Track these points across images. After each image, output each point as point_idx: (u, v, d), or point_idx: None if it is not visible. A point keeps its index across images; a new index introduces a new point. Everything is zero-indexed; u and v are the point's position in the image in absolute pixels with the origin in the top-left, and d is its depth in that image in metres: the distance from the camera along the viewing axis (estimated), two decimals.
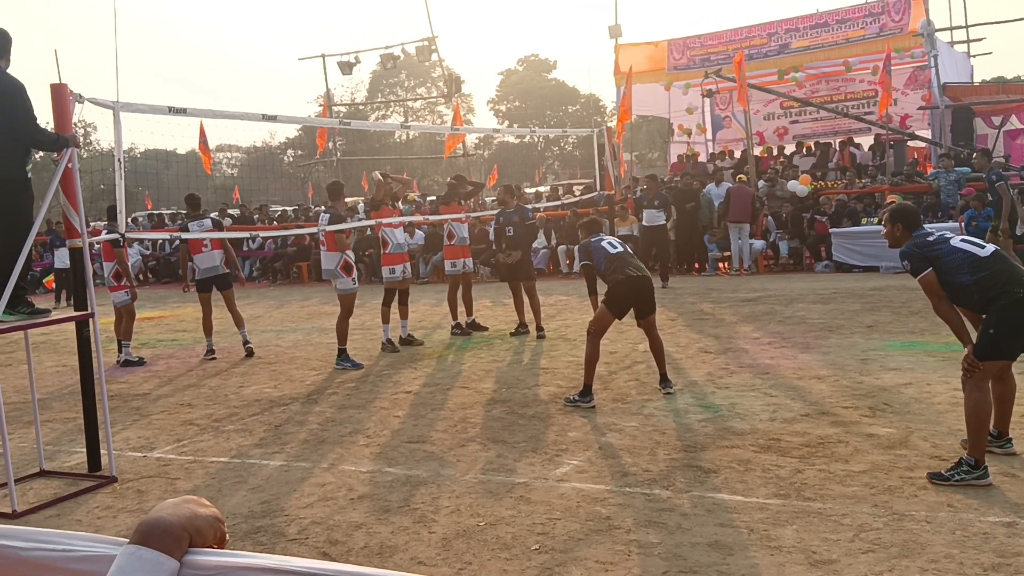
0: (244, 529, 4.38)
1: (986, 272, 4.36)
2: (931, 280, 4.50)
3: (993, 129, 18.25)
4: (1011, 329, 4.35)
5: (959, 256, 4.43)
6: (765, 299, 11.73)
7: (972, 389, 4.41)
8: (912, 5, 18.21)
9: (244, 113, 7.42)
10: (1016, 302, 4.29)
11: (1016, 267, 4.43)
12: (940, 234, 4.63)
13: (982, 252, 4.44)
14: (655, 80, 21.88)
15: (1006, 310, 4.32)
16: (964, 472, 4.34)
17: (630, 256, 6.75)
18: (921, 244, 4.55)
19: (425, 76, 55.99)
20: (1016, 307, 4.30)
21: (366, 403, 7.08)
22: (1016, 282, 4.31)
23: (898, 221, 4.79)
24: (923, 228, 4.70)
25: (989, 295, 4.35)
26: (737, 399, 6.41)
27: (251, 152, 54.00)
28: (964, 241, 4.53)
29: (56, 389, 8.59)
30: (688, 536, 3.94)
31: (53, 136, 5.36)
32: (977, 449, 4.37)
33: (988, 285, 4.35)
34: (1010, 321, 4.33)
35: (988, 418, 4.45)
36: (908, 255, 4.60)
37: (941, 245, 4.51)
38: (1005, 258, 4.49)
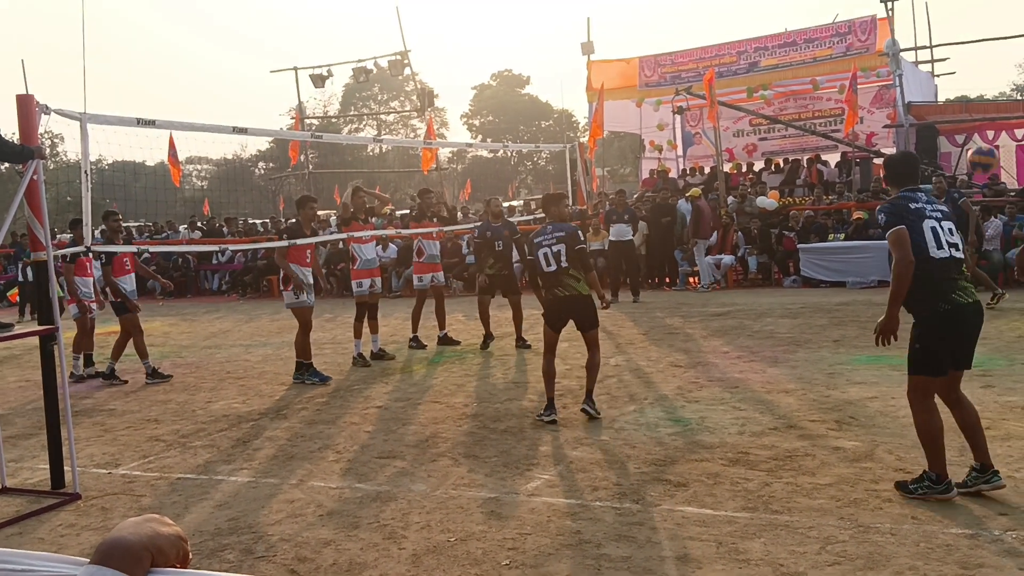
0: (211, 547, 4.33)
1: (927, 271, 4.24)
2: (903, 236, 4.25)
3: (956, 147, 18.62)
4: (935, 343, 4.29)
5: (918, 241, 4.26)
6: (734, 313, 11.83)
7: (916, 411, 4.38)
8: (878, 25, 18.57)
9: (214, 125, 7.39)
10: (938, 316, 4.23)
11: (954, 281, 4.28)
12: (921, 208, 4.35)
13: (937, 252, 4.26)
14: (627, 96, 22.07)
15: (928, 323, 4.27)
16: (926, 487, 4.31)
17: (563, 273, 6.61)
18: (901, 207, 4.35)
19: (398, 90, 55.99)
20: (938, 321, 4.24)
21: (336, 418, 7.03)
22: (943, 297, 4.23)
23: (886, 171, 4.67)
24: (912, 189, 4.47)
25: (916, 296, 4.27)
26: (706, 413, 6.45)
27: (221, 164, 53.62)
28: (934, 232, 4.29)
29: (19, 404, 8.44)
30: (657, 550, 3.96)
31: (18, 147, 5.29)
32: (936, 464, 4.33)
33: (921, 284, 4.24)
34: (932, 335, 4.28)
35: (939, 433, 4.35)
36: (886, 210, 4.41)
37: (915, 220, 4.30)
38: (952, 268, 4.29)
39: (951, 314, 4.24)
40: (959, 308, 4.25)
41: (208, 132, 7.39)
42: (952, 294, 4.24)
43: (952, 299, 4.23)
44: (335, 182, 35.68)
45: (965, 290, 4.28)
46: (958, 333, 4.31)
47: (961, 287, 4.27)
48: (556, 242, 6.66)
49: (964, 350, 4.36)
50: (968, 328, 4.32)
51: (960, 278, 4.30)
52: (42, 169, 5.37)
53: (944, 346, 4.28)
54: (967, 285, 4.31)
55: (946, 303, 4.23)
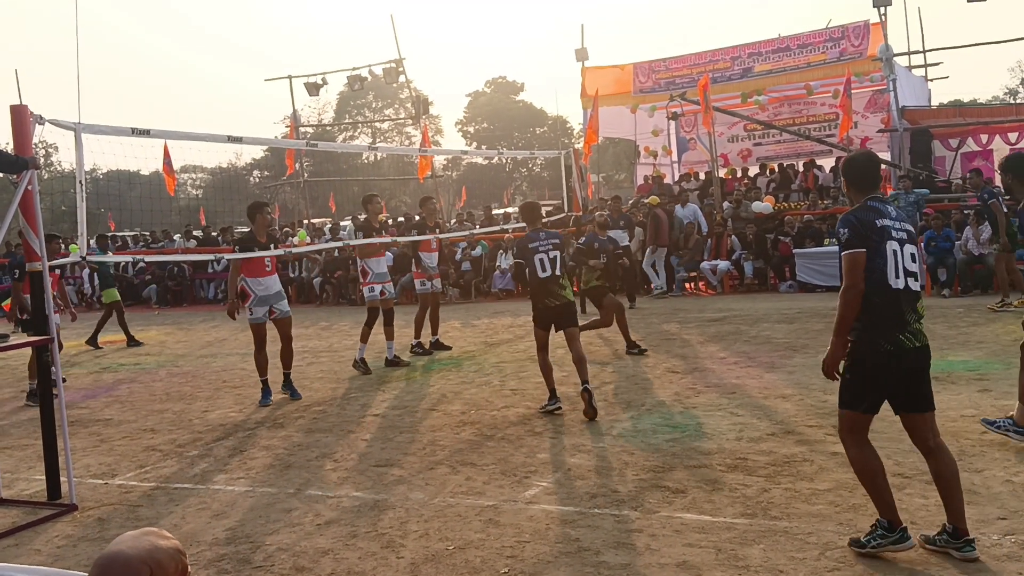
0: (208, 557, 4.31)
1: (879, 303, 3.74)
2: (860, 261, 3.76)
3: (950, 151, 18.67)
4: (864, 380, 3.81)
5: (879, 265, 3.76)
6: (731, 319, 11.84)
7: (847, 446, 3.95)
8: (871, 30, 18.63)
9: (209, 134, 7.37)
10: (877, 354, 3.74)
11: (905, 320, 3.75)
12: (887, 227, 3.81)
13: (895, 282, 3.76)
14: (621, 103, 22.11)
15: (864, 357, 3.79)
16: (879, 536, 3.80)
17: (554, 281, 6.99)
18: (868, 224, 3.80)
19: (393, 97, 56.12)
20: (875, 359, 3.75)
21: (333, 427, 7.01)
22: (888, 335, 3.72)
23: (844, 176, 4.15)
24: (878, 199, 3.92)
25: (859, 324, 3.79)
26: (704, 419, 6.45)
27: (216, 173, 53.62)
28: (895, 256, 3.78)
29: (14, 415, 8.41)
30: (656, 557, 3.95)
31: (12, 158, 5.28)
32: (884, 509, 3.83)
33: (869, 314, 3.76)
34: (864, 370, 3.80)
35: (878, 474, 3.87)
36: (850, 224, 3.82)
37: (879, 241, 3.78)
38: (907, 302, 3.77)
39: (892, 356, 3.74)
40: (903, 352, 3.73)
41: (203, 141, 7.35)
42: (900, 335, 3.73)
43: (898, 340, 3.73)
44: (330, 190, 35.73)
45: (916, 333, 3.77)
46: (896, 377, 3.78)
47: (912, 328, 3.76)
48: (552, 248, 7.05)
49: (914, 393, 3.84)
50: (912, 371, 3.79)
51: (913, 317, 3.77)
52: (37, 179, 5.36)
53: (876, 384, 3.79)
54: (919, 326, 3.79)
55: (890, 343, 3.73)
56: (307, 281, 19.22)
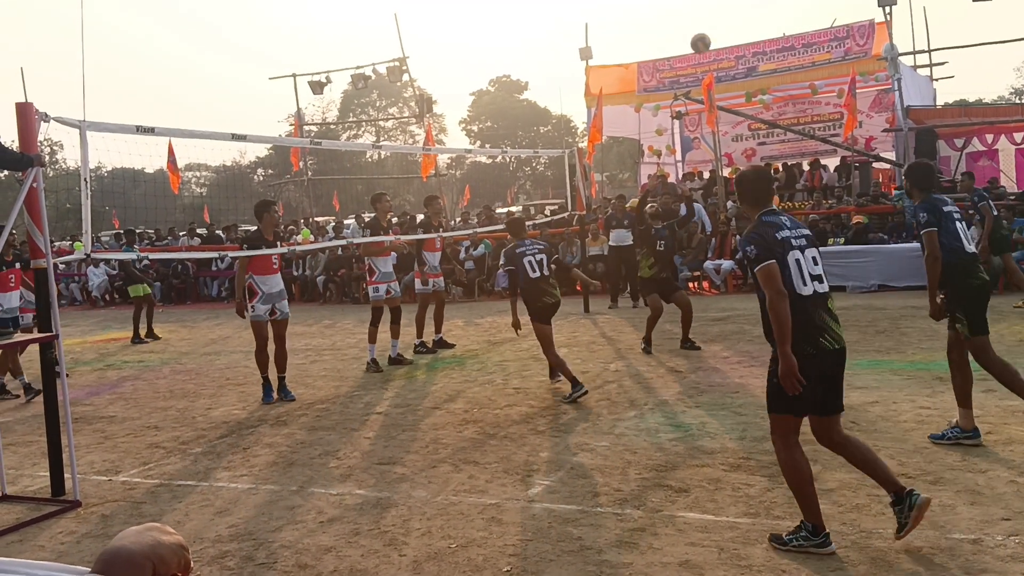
0: (211, 554, 4.32)
1: (795, 310, 3.86)
2: (774, 272, 3.86)
3: (956, 151, 18.63)
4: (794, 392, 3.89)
5: (786, 275, 3.88)
6: (734, 319, 11.83)
7: (778, 449, 4.05)
8: (876, 30, 18.58)
9: (213, 132, 7.37)
10: (800, 357, 3.84)
11: (824, 323, 3.91)
12: (787, 238, 3.94)
13: (803, 288, 3.89)
14: (625, 102, 22.08)
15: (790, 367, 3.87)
16: (803, 538, 3.89)
17: (545, 281, 7.67)
18: (770, 237, 3.92)
19: (397, 96, 56.12)
20: (802, 363, 3.84)
21: (336, 424, 7.02)
22: (810, 340, 3.86)
23: (737, 192, 4.28)
24: (773, 212, 4.07)
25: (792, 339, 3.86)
26: (707, 418, 6.45)
27: (221, 171, 53.65)
28: (798, 264, 3.91)
29: (19, 411, 8.43)
30: (659, 556, 3.95)
31: (18, 155, 5.29)
32: (810, 513, 3.91)
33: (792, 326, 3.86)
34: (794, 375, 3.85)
35: (807, 478, 3.97)
36: (754, 240, 3.94)
37: (782, 253, 3.91)
38: (820, 305, 3.92)
39: (815, 359, 3.87)
40: (824, 354, 3.89)
41: (207, 139, 7.36)
42: (820, 338, 3.88)
43: (819, 344, 3.88)
44: (334, 188, 35.72)
45: (835, 335, 3.92)
46: (820, 379, 3.91)
47: (831, 330, 3.91)
48: (539, 252, 7.76)
49: (831, 395, 3.99)
50: (830, 374, 3.96)
51: (829, 318, 3.93)
52: (42, 176, 5.37)
53: (803, 387, 3.86)
54: (837, 327, 3.94)
55: (812, 347, 3.87)
56: (311, 279, 19.24)
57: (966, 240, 5.37)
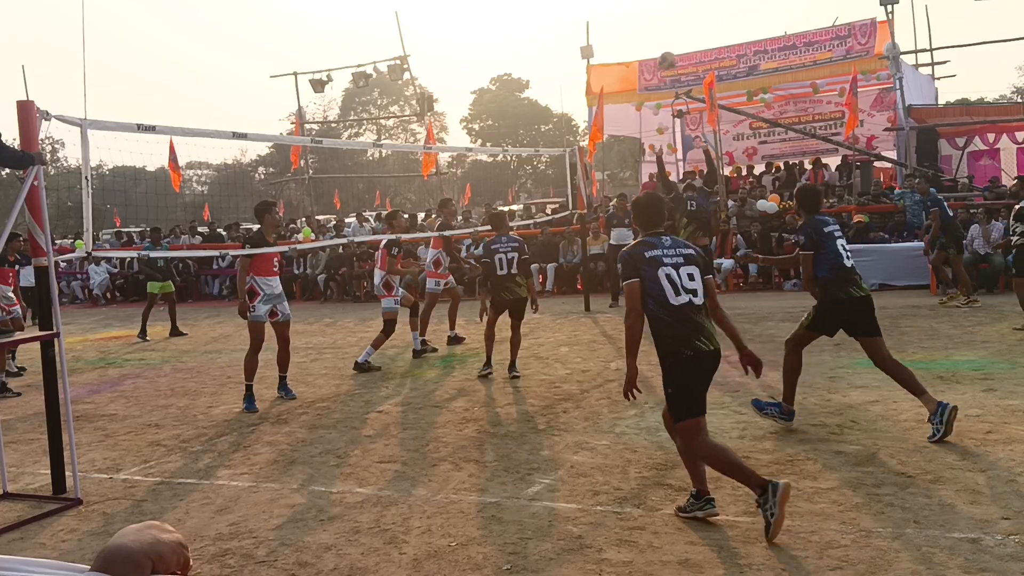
0: (212, 552, 4.33)
1: (667, 319, 4.25)
2: (635, 289, 4.32)
3: (957, 150, 18.62)
4: (684, 387, 4.30)
5: (655, 288, 4.28)
6: (735, 317, 11.81)
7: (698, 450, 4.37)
8: (878, 28, 18.58)
9: (214, 131, 7.37)
10: (682, 360, 4.23)
11: (698, 328, 4.26)
12: (657, 256, 4.35)
13: (675, 299, 4.26)
14: (626, 100, 22.09)
15: (674, 368, 4.29)
16: (691, 505, 4.39)
17: (511, 279, 8.35)
18: (638, 256, 4.37)
19: (398, 94, 56.12)
20: (683, 366, 4.25)
21: (337, 423, 7.03)
22: (686, 343, 4.22)
23: (633, 212, 4.73)
24: (655, 235, 4.48)
25: (661, 343, 4.31)
26: (707, 417, 6.43)
27: (222, 169, 53.68)
28: (669, 278, 4.29)
29: (20, 410, 8.44)
30: (659, 554, 3.96)
31: (19, 153, 5.29)
32: (752, 480, 4.24)
33: (663, 331, 4.28)
34: (681, 380, 4.29)
35: (730, 460, 4.32)
36: (623, 259, 4.44)
37: (649, 269, 4.31)
38: (692, 313, 4.28)
39: (693, 360, 4.25)
40: (701, 355, 4.24)
41: (208, 137, 7.35)
42: (695, 340, 4.23)
43: (695, 345, 4.23)
44: (335, 187, 35.73)
45: (709, 337, 4.28)
46: (700, 378, 4.31)
47: (706, 334, 4.27)
48: (511, 250, 8.30)
49: None
50: (706, 374, 4.33)
51: (704, 323, 4.28)
52: (43, 175, 5.37)
53: (692, 388, 4.30)
54: (711, 331, 4.31)
55: (689, 349, 4.23)
56: (311, 278, 19.25)
57: (845, 256, 5.93)
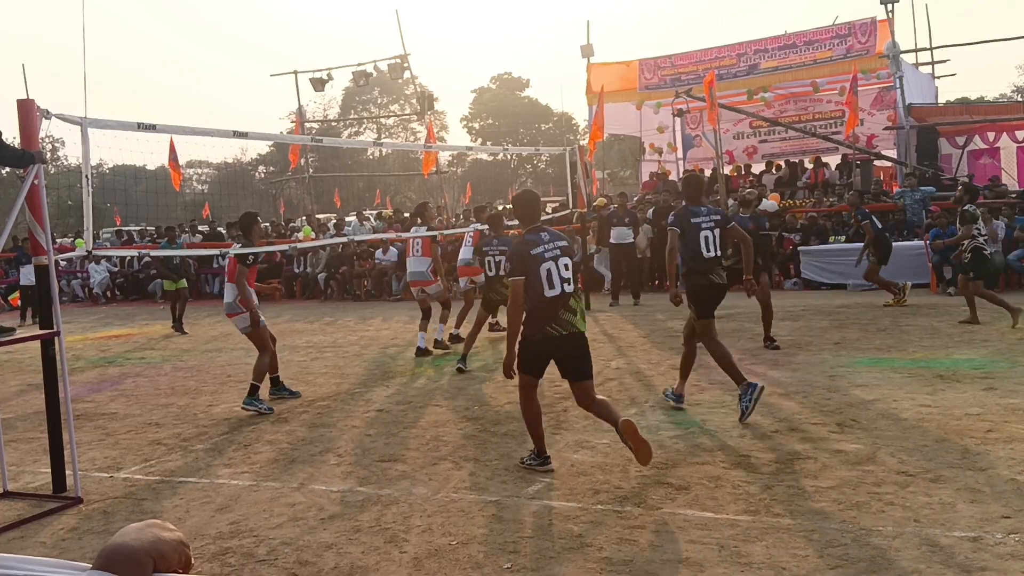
0: (212, 550, 4.33)
1: (538, 307, 5.03)
2: (519, 288, 5.03)
3: (957, 149, 18.61)
4: (532, 355, 5.15)
5: (536, 283, 5.00)
6: (735, 316, 11.82)
7: (521, 399, 5.28)
8: (878, 27, 18.56)
9: (215, 130, 7.36)
10: (536, 339, 5.07)
11: (556, 315, 5.02)
12: (540, 252, 5.02)
13: (549, 292, 5.01)
14: (627, 99, 22.07)
15: (529, 341, 5.11)
16: (531, 459, 5.32)
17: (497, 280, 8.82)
18: (524, 253, 5.04)
19: (398, 93, 56.07)
20: (535, 342, 5.08)
21: (337, 422, 7.03)
22: (541, 328, 5.03)
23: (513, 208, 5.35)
24: (535, 230, 5.16)
25: (529, 321, 5.07)
26: (708, 416, 6.45)
27: (222, 168, 53.64)
28: (548, 273, 5.01)
29: (20, 408, 8.44)
30: (659, 553, 3.96)
31: (19, 152, 5.29)
32: (539, 444, 5.28)
33: (533, 314, 5.05)
34: (530, 350, 5.13)
35: (536, 419, 5.25)
36: (512, 257, 5.15)
37: (534, 265, 5.00)
38: (559, 303, 5.03)
39: (541, 342, 5.09)
40: (549, 339, 5.06)
41: (208, 136, 7.35)
42: (547, 327, 5.04)
43: (545, 331, 5.04)
44: (335, 185, 35.71)
45: (564, 323, 5.05)
46: (555, 355, 5.15)
47: (561, 320, 5.05)
48: (499, 253, 8.51)
49: (570, 368, 5.19)
50: (565, 352, 5.13)
51: (566, 312, 5.07)
52: (43, 173, 5.37)
53: (539, 359, 5.17)
54: (569, 318, 5.07)
55: (540, 334, 5.05)
56: (312, 276, 19.25)
57: (705, 248, 6.49)
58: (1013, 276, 13.43)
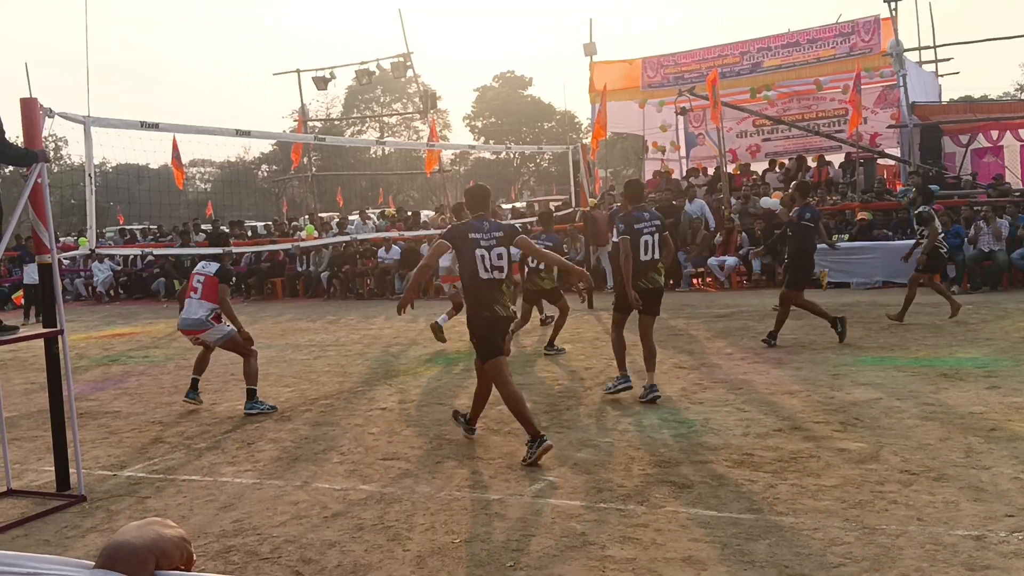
0: (216, 548, 4.33)
1: (475, 288, 5.61)
2: (442, 248, 5.77)
3: (960, 148, 18.57)
4: (487, 335, 5.65)
5: (470, 263, 5.58)
6: (738, 315, 11.82)
7: (499, 384, 5.67)
8: (881, 25, 18.53)
9: (217, 128, 7.39)
10: (482, 319, 5.62)
11: (494, 297, 5.60)
12: (476, 239, 5.59)
13: (483, 275, 5.58)
14: (629, 98, 22.04)
15: (476, 322, 5.67)
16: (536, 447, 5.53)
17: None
18: (459, 236, 5.62)
19: (401, 92, 56.10)
20: (481, 321, 5.64)
21: (340, 420, 7.03)
22: (487, 306, 5.58)
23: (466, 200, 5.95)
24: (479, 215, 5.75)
25: (469, 303, 5.72)
26: (711, 414, 6.45)
27: (225, 167, 53.71)
28: (481, 258, 5.57)
29: (24, 407, 8.46)
30: (662, 551, 3.95)
31: (22, 150, 5.30)
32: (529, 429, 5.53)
33: (472, 296, 5.66)
34: (483, 332, 5.66)
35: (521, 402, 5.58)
36: (447, 235, 5.75)
37: (468, 249, 5.57)
38: (494, 287, 5.61)
39: (491, 320, 5.61)
40: (497, 318, 5.62)
41: (211, 135, 7.38)
42: (494, 306, 5.59)
43: (494, 310, 5.60)
44: (338, 184, 35.73)
45: (503, 305, 5.64)
46: (492, 332, 5.66)
47: (500, 302, 5.63)
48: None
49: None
50: (498, 331, 5.69)
51: (500, 296, 5.63)
52: (46, 172, 5.38)
53: (492, 338, 5.66)
54: (507, 301, 5.69)
55: (489, 312, 5.59)
56: (315, 275, 19.26)
57: (644, 251, 7.02)
58: (1017, 274, 13.40)
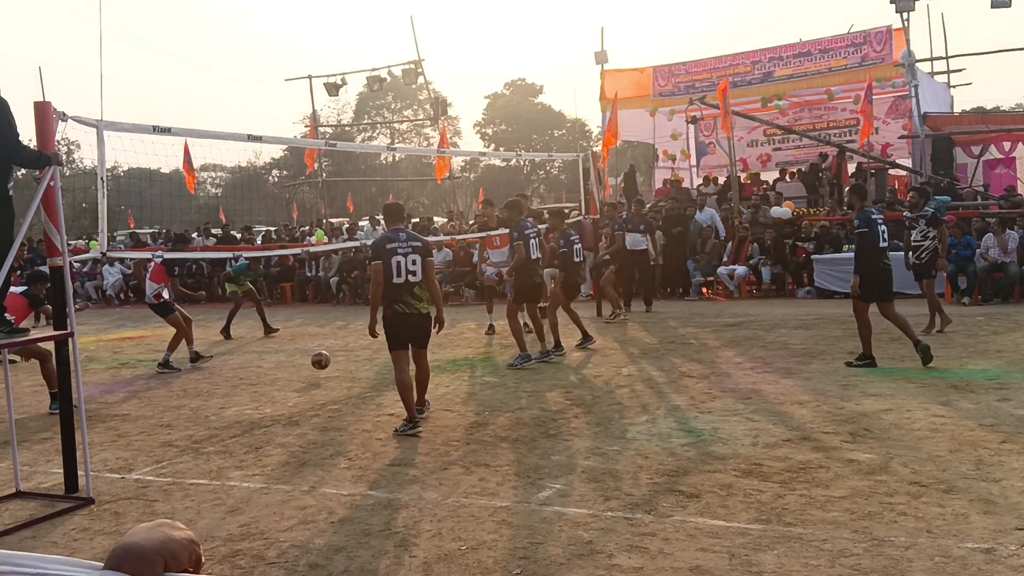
0: (223, 552, 4.34)
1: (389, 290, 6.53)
2: (379, 269, 6.57)
3: (972, 158, 18.51)
4: (393, 330, 6.64)
5: (388, 270, 6.49)
6: (747, 324, 11.79)
7: (397, 371, 6.69)
8: (893, 36, 18.49)
9: (229, 133, 7.42)
10: (391, 315, 6.58)
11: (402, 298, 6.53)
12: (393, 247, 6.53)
13: (396, 279, 6.50)
14: (640, 106, 22.06)
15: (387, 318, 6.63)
16: (403, 426, 6.61)
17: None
18: (381, 246, 6.58)
19: (412, 98, 56.16)
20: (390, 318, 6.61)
21: (348, 425, 7.04)
22: (391, 305, 6.57)
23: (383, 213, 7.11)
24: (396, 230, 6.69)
25: (384, 302, 6.60)
26: (719, 424, 6.42)
27: (236, 172, 53.88)
28: (397, 264, 6.51)
29: (34, 409, 8.50)
30: (670, 561, 3.94)
31: (36, 154, 5.34)
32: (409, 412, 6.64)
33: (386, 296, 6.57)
34: (390, 328, 6.65)
35: (408, 389, 6.64)
36: (372, 246, 6.73)
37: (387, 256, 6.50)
38: (404, 289, 6.53)
39: (395, 316, 6.59)
40: (399, 315, 6.58)
41: (223, 140, 7.40)
42: (396, 305, 6.55)
43: (395, 308, 6.56)
44: (348, 190, 35.83)
45: (408, 304, 6.58)
46: (404, 329, 6.65)
47: (406, 302, 6.57)
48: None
49: (415, 339, 6.77)
50: (410, 328, 6.67)
51: (409, 296, 6.57)
52: (59, 175, 5.41)
53: (399, 334, 6.66)
54: (413, 302, 6.60)
55: (391, 310, 6.56)
56: (324, 280, 19.30)
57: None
58: None
